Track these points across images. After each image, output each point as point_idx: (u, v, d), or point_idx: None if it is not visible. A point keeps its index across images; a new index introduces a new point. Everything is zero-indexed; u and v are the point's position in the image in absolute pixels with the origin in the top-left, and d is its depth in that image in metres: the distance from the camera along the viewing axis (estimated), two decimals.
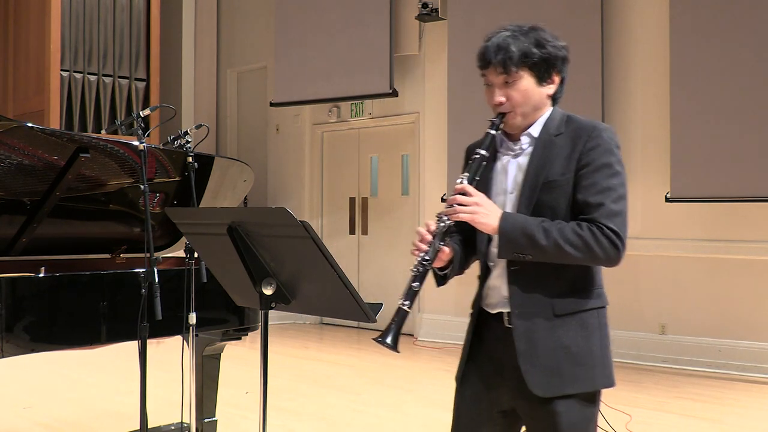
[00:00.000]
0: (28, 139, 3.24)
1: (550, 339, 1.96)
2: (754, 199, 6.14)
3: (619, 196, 1.95)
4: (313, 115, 9.43)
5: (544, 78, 2.03)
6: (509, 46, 1.97)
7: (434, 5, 7.74)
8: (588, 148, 1.96)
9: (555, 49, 2.03)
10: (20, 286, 3.05)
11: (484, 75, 2.04)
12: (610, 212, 1.93)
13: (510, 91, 2.00)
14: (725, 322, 6.39)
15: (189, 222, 2.26)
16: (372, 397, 5.48)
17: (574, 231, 1.91)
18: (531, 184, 1.99)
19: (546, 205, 1.97)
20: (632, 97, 6.92)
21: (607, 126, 2.04)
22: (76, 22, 8.76)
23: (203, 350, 3.80)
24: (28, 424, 4.74)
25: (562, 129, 2.02)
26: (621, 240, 1.94)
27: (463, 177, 2.00)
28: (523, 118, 2.03)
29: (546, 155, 1.99)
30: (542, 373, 1.95)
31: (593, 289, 2.04)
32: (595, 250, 1.92)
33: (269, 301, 2.01)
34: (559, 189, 1.96)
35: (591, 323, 2.01)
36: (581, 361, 1.97)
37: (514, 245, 1.93)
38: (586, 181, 1.94)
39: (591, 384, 1.99)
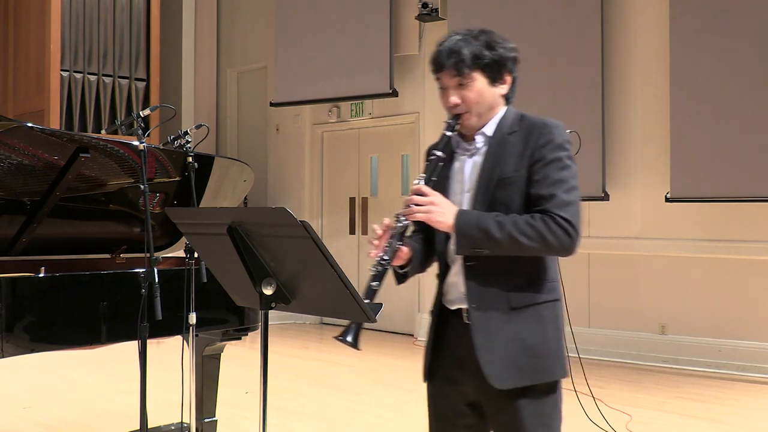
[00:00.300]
0: (28, 139, 3.24)
1: (507, 332, 2.02)
2: (754, 199, 6.14)
3: (570, 188, 2.01)
4: (313, 115, 9.43)
5: (496, 78, 2.08)
6: (461, 49, 2.04)
7: (434, 5, 7.74)
8: (539, 144, 2.03)
9: (505, 50, 2.09)
10: (20, 286, 3.05)
11: (438, 79, 2.10)
12: (562, 202, 1.98)
13: (464, 92, 2.06)
14: (725, 322, 6.39)
15: (189, 222, 2.26)
16: (372, 397, 5.48)
17: (527, 222, 1.97)
18: (486, 182, 2.06)
19: (501, 201, 2.03)
20: (632, 97, 6.92)
21: (558, 123, 2.10)
22: (76, 22, 8.76)
23: (203, 350, 3.80)
24: (28, 424, 4.74)
25: (515, 127, 2.09)
26: (574, 228, 1.98)
27: (419, 178, 2.06)
28: (478, 118, 2.09)
29: (500, 153, 2.06)
30: (500, 366, 2.01)
31: (547, 283, 2.09)
32: (548, 239, 1.96)
33: (269, 301, 2.01)
34: (513, 185, 2.03)
35: (546, 316, 2.07)
36: (537, 352, 2.04)
37: (470, 240, 1.98)
38: (538, 176, 2.01)
39: (547, 375, 2.06)
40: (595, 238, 7.07)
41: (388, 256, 2.00)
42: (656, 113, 6.74)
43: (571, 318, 5.16)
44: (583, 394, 4.79)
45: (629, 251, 6.92)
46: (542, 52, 7.12)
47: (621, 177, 6.94)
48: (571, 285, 5.94)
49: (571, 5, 6.96)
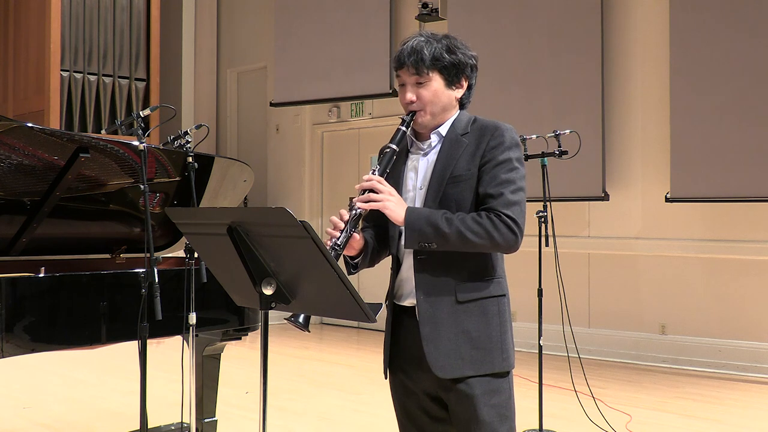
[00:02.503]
0: (28, 139, 3.24)
1: (453, 324, 2.10)
2: (754, 199, 6.14)
3: (517, 188, 2.10)
4: (313, 115, 9.43)
5: (453, 81, 2.16)
6: (422, 49, 2.12)
7: (434, 5, 7.74)
8: (491, 146, 2.11)
9: (465, 56, 2.17)
10: (20, 286, 3.05)
11: (398, 76, 2.17)
12: (508, 201, 2.07)
13: (421, 90, 2.14)
14: (725, 322, 6.39)
15: (189, 222, 2.26)
16: (372, 397, 5.48)
17: (475, 219, 2.05)
18: (438, 179, 2.13)
19: (452, 198, 2.11)
20: (632, 97, 6.92)
21: (509, 126, 2.17)
22: (76, 22, 8.76)
23: (203, 350, 3.79)
24: (28, 424, 4.74)
25: (468, 129, 2.17)
26: (518, 226, 2.07)
27: (373, 170, 2.13)
28: (432, 117, 2.16)
29: (452, 152, 2.14)
30: (444, 356, 2.08)
31: (493, 279, 2.16)
32: (494, 236, 2.04)
33: (269, 301, 2.00)
34: (464, 183, 2.11)
35: (491, 310, 2.14)
36: (480, 345, 2.11)
37: (419, 234, 2.05)
38: (487, 175, 2.10)
39: (490, 366, 2.12)
40: (595, 238, 7.07)
41: (341, 242, 2.05)
42: (656, 113, 6.74)
43: (571, 318, 5.18)
44: (583, 394, 4.79)
45: (629, 251, 6.92)
46: (542, 52, 7.13)
47: (621, 177, 6.94)
48: (571, 285, 5.96)
49: (571, 5, 6.96)
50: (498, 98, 7.15)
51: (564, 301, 4.65)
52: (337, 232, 2.07)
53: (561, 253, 4.57)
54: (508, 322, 2.18)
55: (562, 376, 5.17)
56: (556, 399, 5.06)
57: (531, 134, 4.62)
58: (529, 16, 7.21)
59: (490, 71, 7.39)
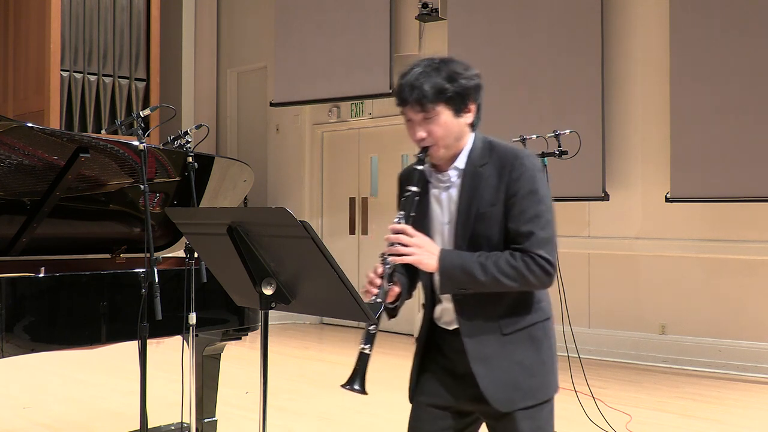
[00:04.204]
0: (28, 139, 3.24)
1: (503, 356, 2.09)
2: (754, 199, 6.14)
3: (546, 222, 2.05)
4: (313, 115, 9.43)
5: (460, 109, 2.08)
6: (422, 85, 2.03)
7: (434, 5, 7.73)
8: (513, 178, 2.05)
9: (467, 80, 2.08)
10: (20, 286, 3.05)
11: (403, 113, 2.10)
12: (539, 241, 2.03)
13: (430, 126, 2.06)
14: (725, 322, 6.39)
15: (189, 222, 2.26)
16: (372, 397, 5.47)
17: (508, 263, 2.03)
18: (464, 217, 2.10)
19: (481, 235, 2.08)
20: (632, 97, 6.92)
21: (528, 152, 2.13)
22: (76, 22, 8.75)
23: (203, 350, 3.79)
24: (28, 424, 4.74)
25: (486, 159, 2.11)
26: (552, 266, 2.05)
27: (399, 216, 2.09)
28: (446, 149, 2.10)
29: (474, 186, 2.09)
30: (503, 390, 2.08)
31: (534, 305, 2.15)
32: (528, 278, 2.03)
33: (269, 301, 2.01)
34: (491, 219, 2.07)
35: (538, 336, 2.14)
36: (535, 373, 2.12)
37: (454, 282, 2.05)
38: (516, 210, 2.05)
39: (546, 393, 2.15)
40: (595, 238, 7.07)
41: (381, 298, 2.04)
42: (656, 113, 6.74)
43: (571, 318, 5.17)
44: (583, 394, 4.79)
45: (629, 251, 6.92)
46: (542, 52, 7.12)
47: (621, 177, 6.94)
48: (571, 285, 5.95)
49: (571, 5, 6.96)
50: (498, 98, 7.15)
51: (564, 301, 4.64)
52: (374, 289, 2.04)
53: (561, 253, 4.53)
54: (554, 345, 2.18)
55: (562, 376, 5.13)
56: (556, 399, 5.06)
57: (531, 134, 4.62)
58: (529, 16, 7.21)
59: (490, 71, 7.39)
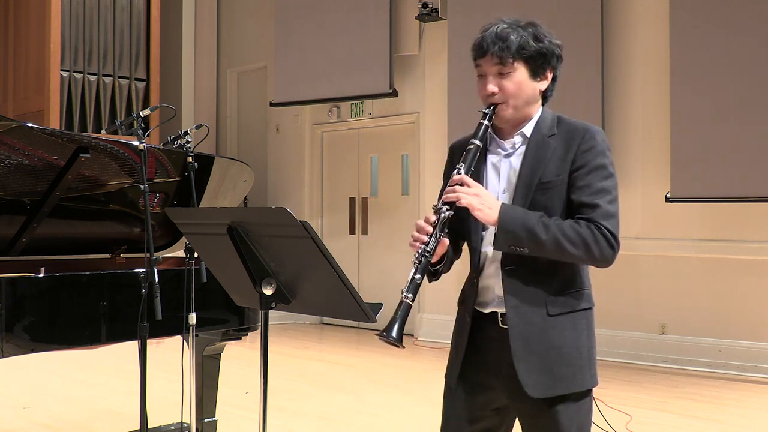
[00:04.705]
0: (28, 139, 3.24)
1: (544, 339, 1.98)
2: (754, 199, 6.14)
3: (613, 198, 1.97)
4: (313, 115, 9.43)
5: (538, 72, 2.03)
6: (508, 36, 2.00)
7: (434, 5, 7.73)
8: (582, 150, 1.97)
9: (552, 45, 2.05)
10: (20, 286, 3.05)
11: (478, 65, 2.03)
12: (607, 213, 1.94)
13: (503, 81, 1.99)
14: (725, 322, 6.39)
15: (189, 222, 2.26)
16: (372, 397, 5.48)
17: (573, 228, 1.92)
18: (525, 184, 1.99)
19: (540, 205, 1.97)
20: (632, 97, 6.92)
21: (599, 128, 2.05)
22: (76, 22, 8.75)
23: (203, 350, 3.79)
24: (28, 424, 4.74)
25: (554, 130, 2.02)
26: (617, 241, 1.96)
27: (459, 167, 1.98)
28: (515, 111, 2.01)
29: (540, 156, 1.99)
30: (536, 374, 1.97)
31: (583, 291, 2.07)
32: (592, 248, 1.94)
33: (269, 301, 2.00)
34: (554, 189, 1.97)
35: (581, 324, 2.04)
36: (571, 361, 2.01)
37: (512, 237, 1.91)
38: (582, 182, 1.96)
39: (580, 384, 2.03)
40: None
41: (431, 247, 1.91)
42: (656, 113, 6.74)
43: None
44: None
45: (629, 251, 6.89)
46: None
47: (621, 177, 6.85)
48: None
49: (571, 5, 6.96)
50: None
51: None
52: (425, 236, 1.91)
53: None
54: (594, 337, 2.07)
55: None
56: None
57: None
58: (529, 16, 7.10)
59: None
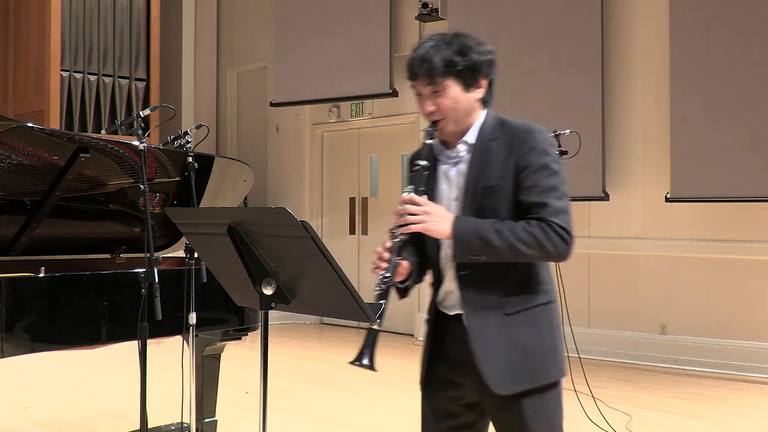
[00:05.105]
0: (28, 139, 3.24)
1: (504, 338, 2.05)
2: (754, 199, 6.14)
3: (561, 194, 2.02)
4: (313, 115, 9.43)
5: (470, 84, 2.06)
6: (432, 57, 2.01)
7: (434, 5, 7.73)
8: (524, 150, 2.02)
9: (479, 54, 2.06)
10: (20, 286, 3.05)
11: (413, 86, 2.09)
12: (556, 209, 1.99)
13: (439, 99, 2.04)
14: (725, 322, 6.39)
15: (189, 222, 2.26)
16: (372, 397, 5.48)
17: (525, 229, 1.98)
18: (472, 190, 2.06)
19: (489, 209, 2.04)
20: (632, 97, 6.92)
21: (540, 127, 2.08)
22: (76, 22, 8.75)
23: (203, 350, 3.80)
24: (28, 424, 4.74)
25: (497, 133, 2.08)
26: (569, 235, 2.01)
27: (408, 189, 2.06)
28: (456, 124, 2.07)
29: (484, 160, 2.06)
30: (501, 373, 2.03)
31: (539, 286, 2.11)
32: (546, 246, 1.98)
33: (269, 301, 2.00)
34: (500, 193, 2.03)
35: (540, 318, 2.09)
36: (535, 356, 2.06)
37: (468, 248, 1.99)
38: (528, 183, 2.01)
39: (546, 377, 2.09)
40: (595, 238, 7.06)
41: (390, 273, 2.00)
42: (656, 113, 6.74)
43: (571, 318, 5.17)
44: (583, 394, 4.79)
45: (629, 251, 6.92)
46: (542, 52, 7.12)
47: (621, 177, 6.94)
48: (571, 285, 5.94)
49: (571, 6, 6.96)
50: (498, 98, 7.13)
51: (564, 301, 4.64)
52: (383, 263, 2.01)
53: None
54: (558, 330, 2.13)
55: None
56: None
57: None
58: (529, 16, 7.21)
59: None
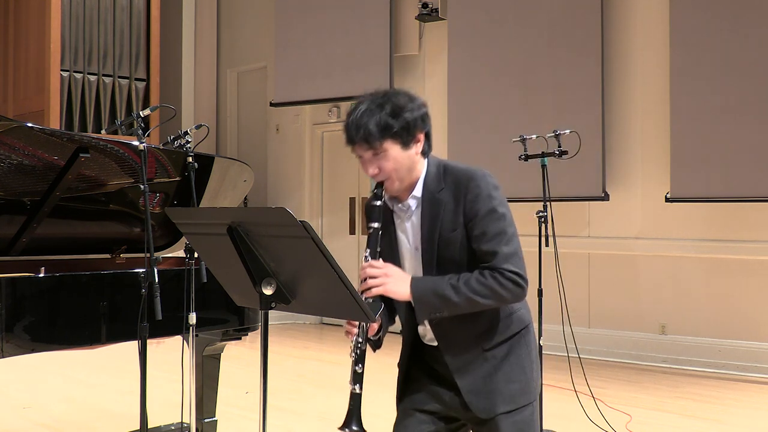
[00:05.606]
0: (28, 139, 3.24)
1: (486, 369, 2.15)
2: (754, 199, 6.14)
3: (510, 237, 2.09)
4: (313, 115, 9.43)
5: (408, 142, 2.11)
6: (367, 123, 2.06)
7: (434, 5, 7.74)
8: (469, 200, 2.09)
9: (411, 113, 2.10)
10: (20, 286, 3.05)
11: (353, 150, 2.14)
12: (506, 255, 2.07)
13: (380, 162, 2.10)
14: (725, 322, 6.39)
15: (189, 222, 2.26)
16: (372, 397, 5.47)
17: (479, 281, 2.06)
18: (428, 243, 2.14)
19: (448, 259, 2.12)
20: (632, 97, 6.92)
21: (482, 172, 2.13)
22: (76, 22, 8.75)
23: (203, 350, 3.80)
24: (28, 424, 4.74)
25: (442, 184, 2.14)
26: (521, 278, 2.08)
27: (366, 254, 2.13)
28: (401, 182, 2.14)
29: (433, 213, 2.13)
30: (485, 398, 2.14)
31: (512, 315, 2.20)
32: (502, 294, 2.06)
33: (269, 301, 2.00)
34: (455, 244, 2.11)
35: (518, 345, 2.19)
36: (516, 379, 2.17)
37: (428, 307, 2.07)
38: (477, 231, 2.09)
39: (527, 397, 2.19)
40: (595, 238, 7.07)
41: (362, 338, 2.12)
42: (656, 113, 6.74)
43: (571, 318, 5.17)
44: (583, 394, 4.79)
45: (629, 251, 6.92)
46: (542, 52, 7.12)
47: (621, 177, 6.94)
48: (571, 285, 5.95)
49: (571, 5, 6.96)
50: (498, 98, 7.15)
51: (564, 301, 4.64)
52: (354, 329, 2.13)
53: (561, 253, 4.57)
54: (534, 351, 2.23)
55: (562, 376, 5.17)
56: (556, 399, 5.06)
57: (531, 134, 4.62)
58: (529, 16, 7.21)
59: (490, 71, 7.39)
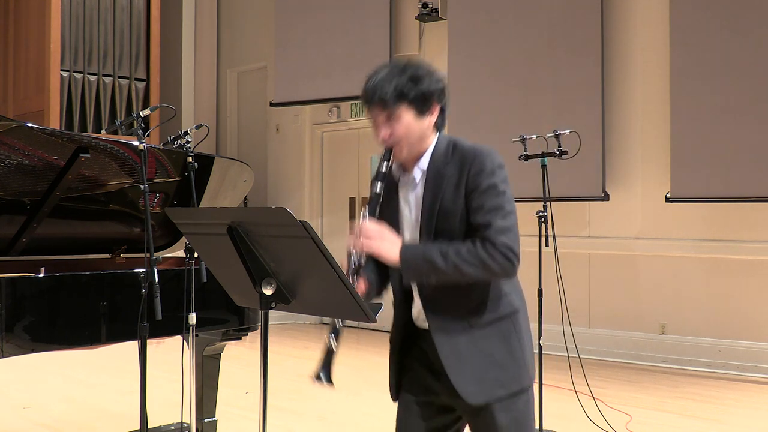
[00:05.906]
0: (28, 139, 3.24)
1: (475, 350, 2.13)
2: (754, 199, 6.14)
3: (507, 213, 2.08)
4: (313, 115, 9.43)
5: (423, 111, 2.13)
6: (384, 86, 2.10)
7: (434, 5, 7.74)
8: (472, 174, 2.10)
9: (431, 82, 2.14)
10: (20, 286, 3.05)
11: (368, 113, 2.17)
12: (501, 228, 2.06)
13: (393, 125, 2.12)
14: (725, 322, 6.39)
15: (189, 222, 2.26)
16: (372, 397, 5.48)
17: (469, 250, 2.05)
18: (428, 215, 2.14)
19: (445, 231, 2.12)
20: (632, 97, 6.92)
21: (489, 150, 2.14)
22: (76, 22, 8.76)
23: (203, 350, 3.80)
24: (28, 424, 4.74)
25: (448, 158, 2.15)
26: (513, 253, 2.06)
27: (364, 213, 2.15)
28: (409, 149, 2.15)
29: (437, 185, 2.14)
30: (473, 384, 2.12)
31: (503, 298, 2.18)
32: (490, 265, 2.04)
33: (269, 301, 2.00)
34: (454, 216, 2.11)
35: (507, 329, 2.17)
36: (505, 365, 2.15)
37: (416, 271, 2.08)
38: (475, 204, 2.09)
39: (516, 384, 2.16)
40: (595, 238, 7.07)
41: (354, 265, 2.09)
42: (656, 113, 6.74)
43: (571, 318, 5.18)
44: (583, 394, 4.79)
45: (629, 251, 6.92)
46: (542, 52, 7.13)
47: (621, 177, 6.94)
48: (571, 285, 5.95)
49: (571, 5, 6.96)
50: (498, 98, 7.15)
51: (564, 301, 4.64)
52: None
53: (561, 253, 4.57)
54: (527, 337, 2.20)
55: (562, 376, 5.17)
56: (556, 399, 5.06)
57: (531, 134, 4.62)
58: (529, 16, 7.21)
59: (490, 71, 7.39)
